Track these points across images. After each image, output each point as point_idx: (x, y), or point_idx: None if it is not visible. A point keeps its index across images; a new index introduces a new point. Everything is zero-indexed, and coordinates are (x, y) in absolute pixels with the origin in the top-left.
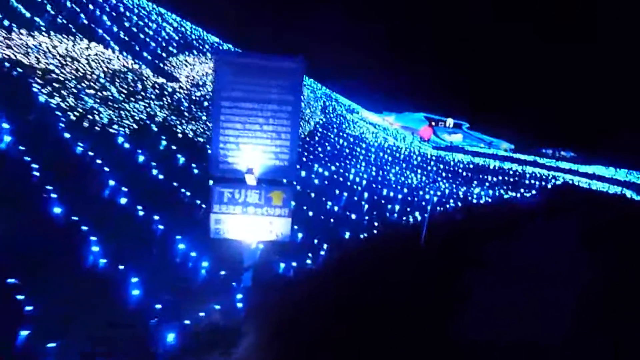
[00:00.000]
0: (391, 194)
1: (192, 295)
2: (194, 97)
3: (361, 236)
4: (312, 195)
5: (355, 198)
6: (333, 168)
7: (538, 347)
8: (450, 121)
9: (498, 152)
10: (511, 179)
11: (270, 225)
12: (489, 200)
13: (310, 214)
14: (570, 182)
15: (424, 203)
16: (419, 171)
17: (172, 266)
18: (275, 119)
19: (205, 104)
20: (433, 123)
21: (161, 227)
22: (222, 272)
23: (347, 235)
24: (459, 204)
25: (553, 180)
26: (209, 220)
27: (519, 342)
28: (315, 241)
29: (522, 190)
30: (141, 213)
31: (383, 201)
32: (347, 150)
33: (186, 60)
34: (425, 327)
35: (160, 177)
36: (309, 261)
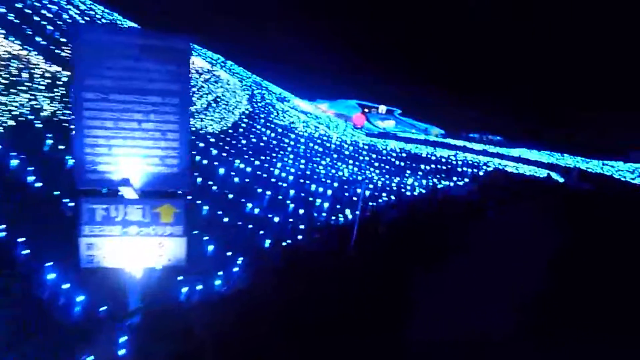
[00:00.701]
0: (320, 189)
1: (59, 344)
2: None
3: (284, 243)
4: (230, 196)
5: (280, 197)
6: (257, 163)
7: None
8: (382, 108)
9: (429, 138)
10: (443, 167)
11: (161, 248)
12: (423, 191)
13: (226, 219)
14: (499, 167)
15: (355, 198)
16: (351, 162)
17: (34, 304)
18: (157, 114)
19: None
20: (366, 110)
21: (27, 251)
22: (103, 309)
23: (268, 243)
24: (392, 197)
25: (484, 167)
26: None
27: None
28: (229, 254)
29: (455, 178)
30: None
31: (311, 198)
32: (275, 142)
33: None
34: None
35: (38, 184)
36: (219, 281)
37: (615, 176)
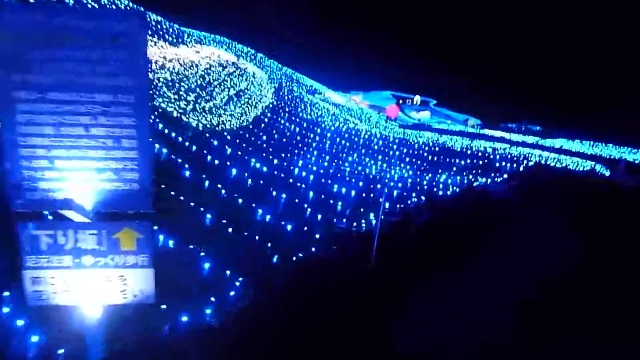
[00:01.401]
0: (343, 189)
1: None
2: None
3: (294, 258)
4: (240, 201)
5: (297, 200)
6: (276, 161)
7: None
8: (417, 98)
9: (466, 129)
10: (480, 161)
11: (123, 282)
12: (457, 189)
13: (231, 229)
14: (540, 160)
15: (381, 200)
16: (380, 157)
17: None
18: (109, 116)
19: None
20: (400, 101)
21: None
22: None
23: (276, 259)
24: (422, 197)
25: (524, 161)
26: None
27: None
28: (228, 273)
29: (492, 174)
30: None
31: (332, 200)
32: (298, 138)
33: None
34: None
35: None
36: (209, 310)
37: None
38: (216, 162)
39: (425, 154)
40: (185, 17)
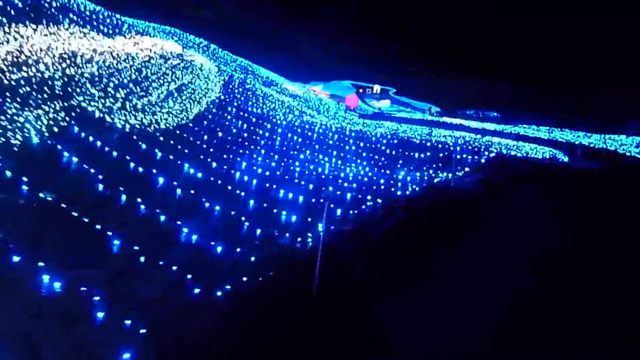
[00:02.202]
0: (290, 195)
1: None
2: None
3: (220, 293)
4: (162, 218)
5: (234, 212)
6: (214, 165)
7: None
8: (377, 87)
9: (425, 117)
10: (440, 154)
11: None
12: (416, 188)
13: (143, 259)
14: (500, 148)
15: (332, 205)
16: (335, 153)
17: None
18: None
19: None
20: (360, 90)
21: None
22: None
23: (198, 293)
24: (379, 200)
25: (485, 152)
26: None
27: None
28: (127, 325)
29: (453, 168)
30: None
31: (276, 209)
32: (245, 136)
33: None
34: None
35: None
36: None
37: (620, 151)
38: (140, 169)
39: (384, 148)
40: (133, 7)
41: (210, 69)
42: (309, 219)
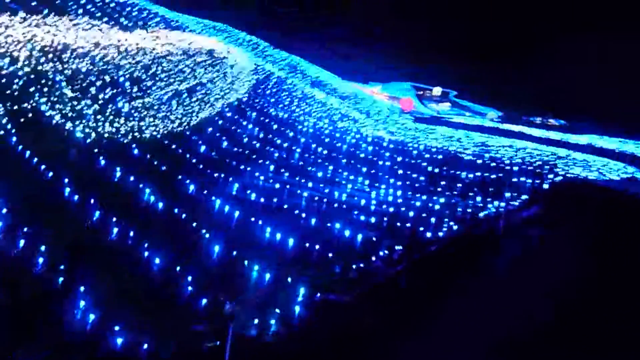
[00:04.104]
0: (278, 236)
1: None
2: None
3: None
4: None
5: (179, 268)
6: (192, 189)
7: None
8: (437, 90)
9: (484, 123)
10: (492, 175)
11: None
12: (454, 225)
13: None
14: (566, 165)
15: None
16: (364, 170)
17: None
18: None
19: None
20: (420, 92)
21: None
22: None
23: None
24: (397, 247)
25: (548, 171)
26: None
27: None
28: None
29: (506, 195)
30: None
31: (247, 262)
32: (257, 146)
33: None
34: None
35: None
36: None
37: None
38: (76, 198)
39: (425, 164)
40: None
41: (241, 68)
42: (289, 279)
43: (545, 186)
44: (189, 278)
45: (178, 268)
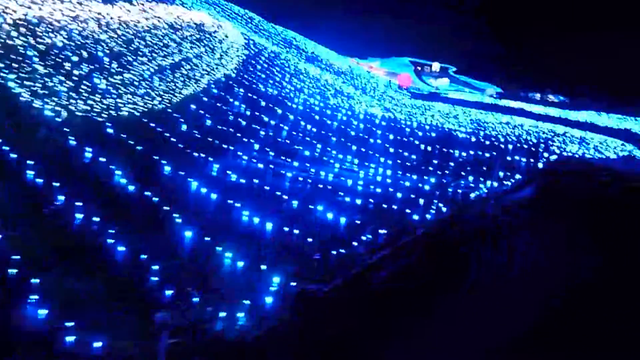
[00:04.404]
0: (256, 220)
1: None
2: None
3: None
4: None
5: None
6: (170, 172)
7: None
8: (436, 65)
9: (482, 100)
10: (486, 153)
11: None
12: (443, 208)
13: None
14: (564, 142)
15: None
16: (354, 148)
17: None
18: None
19: None
20: (418, 68)
21: None
22: None
23: None
24: (381, 231)
25: (544, 150)
26: None
27: None
28: None
29: (501, 174)
30: None
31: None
32: (243, 124)
33: None
34: None
35: None
36: None
37: None
38: (40, 181)
39: (417, 142)
40: None
41: (232, 41)
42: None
43: (540, 165)
44: (155, 267)
45: (143, 256)
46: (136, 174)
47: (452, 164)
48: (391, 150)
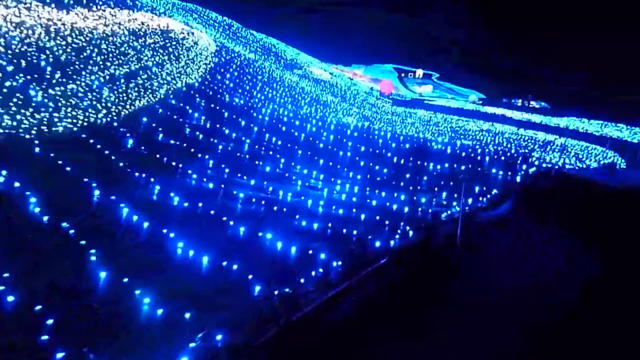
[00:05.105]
0: (191, 253)
1: None
2: None
3: None
4: None
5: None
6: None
7: None
8: (419, 72)
9: (464, 106)
10: (462, 166)
11: None
12: (410, 231)
13: None
14: (543, 151)
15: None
16: (321, 162)
17: None
18: None
19: None
20: (402, 74)
21: None
22: None
23: None
24: (334, 263)
25: (523, 162)
26: None
27: None
28: None
29: (484, 187)
30: None
31: None
32: (200, 137)
33: None
34: None
35: None
36: None
37: None
38: None
39: (389, 154)
40: None
41: (201, 49)
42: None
43: (517, 179)
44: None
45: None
46: (54, 200)
47: (425, 177)
48: (362, 163)
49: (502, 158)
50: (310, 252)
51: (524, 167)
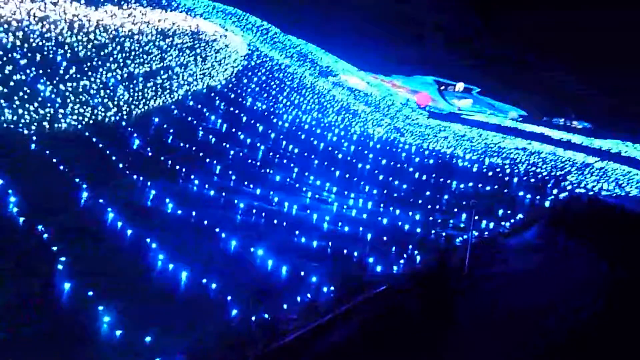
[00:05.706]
0: (171, 266)
1: None
2: None
3: None
4: None
5: None
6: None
7: None
8: (460, 85)
9: (502, 123)
10: (495, 186)
11: None
12: (418, 257)
13: None
14: (580, 175)
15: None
16: (337, 174)
17: None
18: None
19: None
20: (442, 87)
21: None
22: None
23: None
24: (329, 288)
25: (555, 186)
26: None
27: None
28: None
29: (509, 212)
30: None
31: None
32: (201, 155)
33: None
34: None
35: None
36: None
37: None
38: None
39: (411, 169)
40: None
41: (226, 54)
42: None
43: (546, 204)
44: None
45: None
46: (35, 200)
47: (445, 197)
48: (380, 177)
49: (532, 180)
50: (302, 273)
51: (555, 191)
